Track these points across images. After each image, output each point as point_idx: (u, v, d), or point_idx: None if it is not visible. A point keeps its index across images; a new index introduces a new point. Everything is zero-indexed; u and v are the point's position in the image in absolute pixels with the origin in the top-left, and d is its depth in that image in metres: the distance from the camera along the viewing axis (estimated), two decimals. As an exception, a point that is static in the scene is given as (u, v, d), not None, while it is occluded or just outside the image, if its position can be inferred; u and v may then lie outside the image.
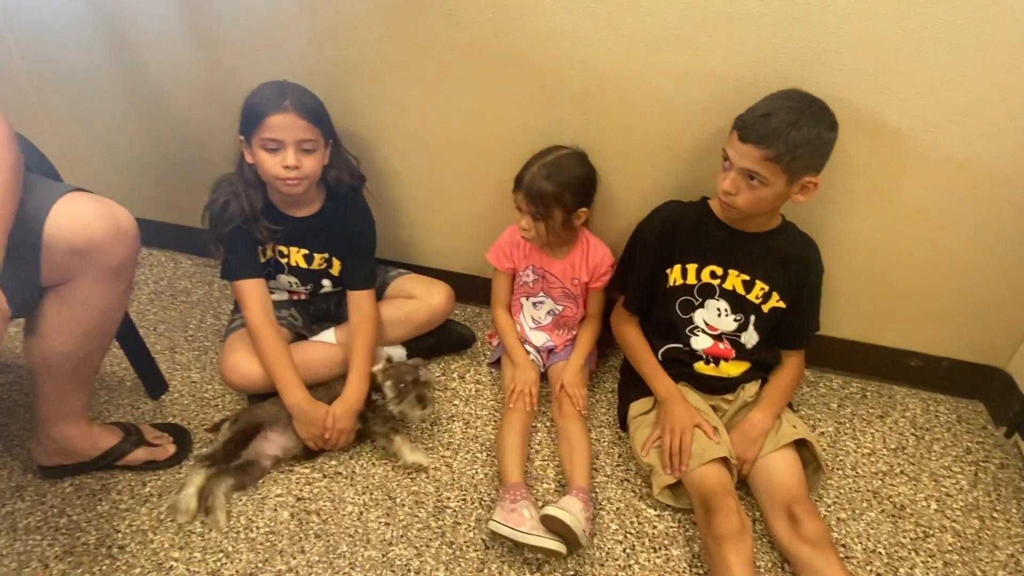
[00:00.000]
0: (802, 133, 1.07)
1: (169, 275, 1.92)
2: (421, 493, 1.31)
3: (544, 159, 1.31)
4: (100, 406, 1.49)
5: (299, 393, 1.33)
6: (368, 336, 1.42)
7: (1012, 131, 1.16)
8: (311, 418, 1.32)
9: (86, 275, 1.03)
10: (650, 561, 1.19)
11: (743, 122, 1.11)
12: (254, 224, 1.36)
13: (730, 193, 1.15)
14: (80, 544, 1.22)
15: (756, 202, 1.15)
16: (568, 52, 1.29)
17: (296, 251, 1.45)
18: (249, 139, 1.29)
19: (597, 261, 1.42)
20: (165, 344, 1.67)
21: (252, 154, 1.30)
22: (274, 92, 1.26)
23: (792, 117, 1.07)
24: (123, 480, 1.33)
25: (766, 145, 1.08)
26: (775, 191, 1.12)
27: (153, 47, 1.57)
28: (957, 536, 1.24)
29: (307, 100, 1.28)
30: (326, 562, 1.19)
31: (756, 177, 1.11)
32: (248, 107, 1.27)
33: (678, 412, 1.25)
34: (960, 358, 1.49)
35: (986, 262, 1.33)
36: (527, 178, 1.30)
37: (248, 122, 1.27)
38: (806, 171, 1.12)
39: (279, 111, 1.24)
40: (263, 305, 1.37)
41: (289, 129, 1.25)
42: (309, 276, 1.49)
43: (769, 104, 1.11)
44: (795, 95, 1.12)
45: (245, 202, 1.34)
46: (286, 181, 1.29)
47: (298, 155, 1.27)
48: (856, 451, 1.40)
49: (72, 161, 1.86)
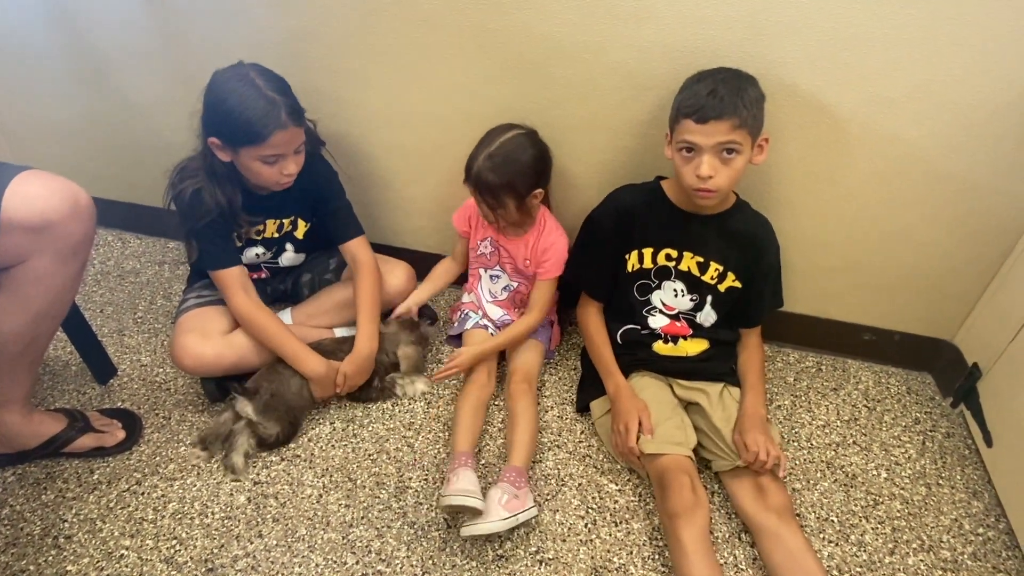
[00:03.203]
0: (749, 94, 1.11)
1: (116, 255, 1.84)
2: (382, 474, 1.30)
3: (489, 148, 1.25)
4: (44, 392, 1.43)
5: (315, 360, 1.34)
6: (371, 286, 1.42)
7: (957, 109, 1.18)
8: (330, 381, 1.36)
9: (42, 254, 1.01)
10: (611, 535, 1.21)
11: (694, 107, 1.11)
12: (233, 218, 1.32)
13: (709, 177, 1.13)
14: (24, 535, 1.17)
15: (734, 176, 1.14)
16: (529, 23, 1.26)
17: (273, 222, 1.41)
18: (235, 148, 1.21)
19: (545, 246, 1.38)
20: (113, 327, 1.61)
21: (236, 159, 1.23)
22: (267, 106, 1.17)
23: (733, 85, 1.11)
24: (69, 468, 1.28)
25: (730, 116, 1.08)
26: (746, 158, 1.14)
27: (97, 11, 1.48)
28: (905, 503, 1.28)
29: (293, 101, 1.22)
30: (284, 546, 1.17)
31: (732, 148, 1.11)
32: (239, 122, 1.17)
33: (623, 406, 1.26)
34: (911, 331, 1.53)
35: (935, 238, 1.36)
36: (474, 170, 1.26)
37: (239, 137, 1.19)
38: (759, 130, 1.15)
39: (281, 129, 1.18)
40: (248, 289, 1.35)
41: (290, 142, 1.23)
42: (273, 242, 1.45)
43: (702, 86, 1.12)
44: (716, 71, 1.15)
45: (221, 198, 1.28)
46: (281, 183, 1.27)
47: (296, 159, 1.26)
48: (811, 423, 1.43)
49: (10, 136, 1.76)
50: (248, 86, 1.18)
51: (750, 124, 1.10)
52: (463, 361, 1.37)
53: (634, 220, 1.30)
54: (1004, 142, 1.20)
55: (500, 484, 1.19)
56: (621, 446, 1.24)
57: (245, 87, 1.17)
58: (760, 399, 1.28)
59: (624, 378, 1.32)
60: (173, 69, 1.48)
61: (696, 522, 1.10)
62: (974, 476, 1.34)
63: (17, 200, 0.95)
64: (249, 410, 1.29)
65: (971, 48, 1.11)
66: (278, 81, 1.22)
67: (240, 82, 1.18)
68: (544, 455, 1.34)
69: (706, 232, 1.27)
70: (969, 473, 1.34)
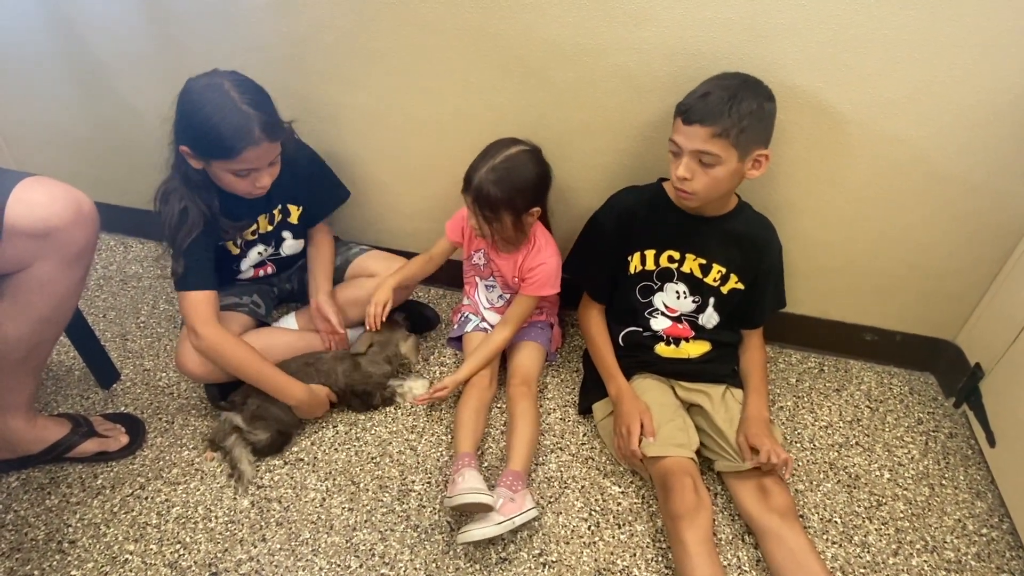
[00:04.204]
0: (744, 106, 1.08)
1: (119, 260, 1.84)
2: (385, 477, 1.30)
3: (493, 160, 1.23)
4: (47, 396, 1.43)
5: (298, 388, 1.32)
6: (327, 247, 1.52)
7: (957, 110, 1.18)
8: (317, 403, 1.36)
9: (45, 260, 1.01)
10: (615, 537, 1.21)
11: (684, 106, 1.11)
12: (215, 225, 1.29)
13: (686, 179, 1.13)
14: (28, 540, 1.17)
15: (712, 184, 1.14)
16: (528, 27, 1.26)
17: (263, 218, 1.40)
18: (206, 159, 1.19)
19: (532, 265, 1.35)
20: (116, 331, 1.61)
21: (208, 169, 1.21)
22: (240, 120, 1.13)
23: (730, 92, 1.09)
24: (73, 473, 1.28)
25: (712, 122, 1.08)
26: (728, 169, 1.12)
27: (96, 16, 1.48)
28: (908, 504, 1.28)
29: (268, 114, 1.17)
30: (288, 550, 1.17)
31: (708, 156, 1.11)
32: (210, 135, 1.13)
33: (625, 408, 1.26)
34: (912, 331, 1.53)
35: (937, 238, 1.36)
36: (475, 181, 1.23)
37: (210, 149, 1.16)
38: (754, 144, 1.12)
39: (253, 145, 1.15)
40: (217, 316, 1.29)
41: (264, 157, 1.19)
42: (270, 235, 1.45)
43: (704, 87, 1.12)
44: (729, 75, 1.14)
45: (202, 205, 1.25)
46: (254, 194, 1.25)
47: (271, 171, 1.24)
48: (814, 424, 1.43)
49: (11, 142, 1.77)
50: (222, 97, 1.13)
51: (734, 136, 1.08)
52: (447, 391, 1.35)
53: (636, 222, 1.30)
54: (1005, 143, 1.20)
55: (497, 489, 1.19)
56: (623, 449, 1.24)
57: (219, 98, 1.13)
58: (764, 401, 1.28)
59: (626, 380, 1.32)
60: (172, 74, 1.46)
61: (699, 524, 1.10)
62: (977, 476, 1.33)
63: (21, 207, 0.95)
64: (238, 420, 1.30)
65: (971, 49, 1.11)
66: (255, 93, 1.17)
67: (214, 93, 1.13)
68: (547, 457, 1.34)
69: (708, 234, 1.27)
70: (972, 473, 1.34)
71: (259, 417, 1.30)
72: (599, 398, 1.37)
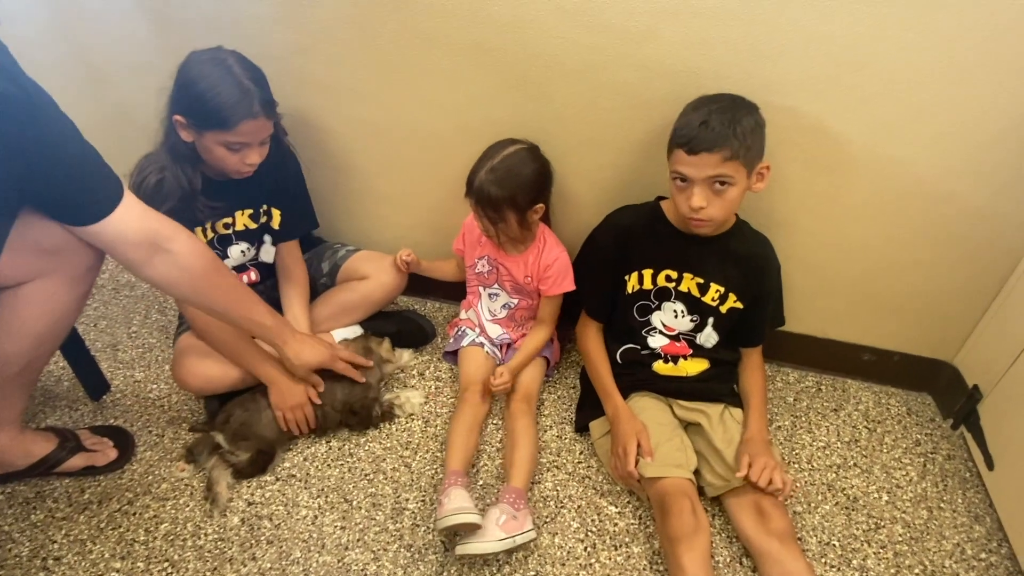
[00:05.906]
0: (744, 125, 1.09)
1: (111, 268, 1.82)
2: (379, 495, 1.28)
3: (492, 161, 1.25)
4: (35, 407, 1.41)
5: (269, 366, 1.31)
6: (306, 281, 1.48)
7: (957, 132, 1.18)
8: (288, 387, 1.31)
9: (50, 276, 1.00)
10: (611, 559, 1.19)
11: (685, 137, 1.11)
12: (192, 202, 1.28)
13: (702, 207, 1.13)
14: (12, 556, 1.15)
15: (728, 206, 1.14)
16: (531, 41, 1.25)
17: (241, 214, 1.39)
18: (201, 130, 1.20)
19: (548, 263, 1.37)
20: (106, 341, 1.59)
21: (199, 140, 1.22)
22: (240, 93, 1.16)
23: (727, 115, 1.09)
24: (60, 487, 1.26)
25: (720, 148, 1.08)
26: (741, 188, 1.13)
27: (97, 24, 1.47)
28: (907, 527, 1.27)
29: (266, 92, 1.21)
30: (279, 569, 1.15)
31: (724, 181, 1.11)
32: (209, 104, 1.16)
33: (622, 428, 1.24)
34: (910, 352, 1.52)
35: (935, 259, 1.36)
36: (476, 183, 1.25)
37: (208, 120, 1.18)
38: (757, 159, 1.14)
39: (251, 118, 1.18)
40: None
41: (258, 133, 1.22)
42: (254, 235, 1.43)
43: (696, 115, 1.11)
44: (713, 98, 1.14)
45: (183, 179, 1.25)
46: (242, 171, 1.25)
47: (260, 150, 1.24)
48: (811, 444, 1.42)
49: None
50: (224, 71, 1.17)
51: (743, 155, 1.09)
52: (508, 378, 1.36)
53: (634, 241, 1.29)
54: (1004, 165, 1.20)
55: (499, 504, 1.17)
56: (620, 469, 1.22)
57: (221, 71, 1.17)
58: (764, 422, 1.27)
59: (623, 400, 1.31)
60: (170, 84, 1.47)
61: (697, 546, 1.09)
62: (975, 499, 1.33)
63: (32, 219, 0.94)
64: (220, 439, 1.28)
65: (972, 72, 1.11)
66: (255, 71, 1.21)
67: (217, 66, 1.18)
68: (543, 476, 1.32)
69: (706, 253, 1.26)
70: (971, 496, 1.33)
71: (241, 436, 1.28)
72: (596, 416, 1.36)
